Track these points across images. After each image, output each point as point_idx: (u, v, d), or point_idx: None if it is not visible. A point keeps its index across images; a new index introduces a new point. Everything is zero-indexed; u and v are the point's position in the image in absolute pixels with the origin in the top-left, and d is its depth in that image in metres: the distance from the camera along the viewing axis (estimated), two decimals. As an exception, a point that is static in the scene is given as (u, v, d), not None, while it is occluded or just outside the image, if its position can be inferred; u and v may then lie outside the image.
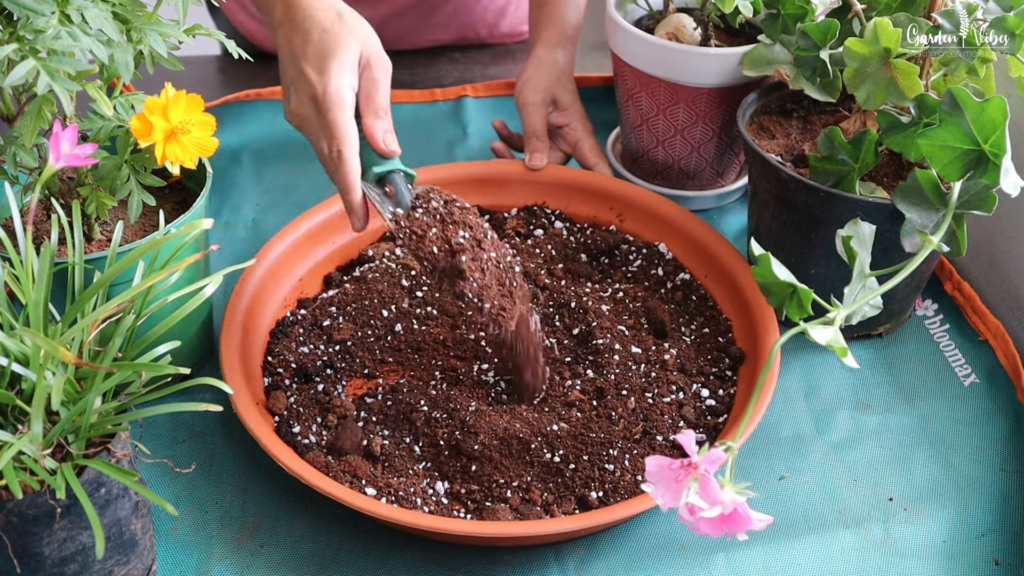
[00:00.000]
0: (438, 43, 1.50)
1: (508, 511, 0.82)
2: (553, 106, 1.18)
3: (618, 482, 0.85)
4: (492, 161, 1.18)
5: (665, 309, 1.00)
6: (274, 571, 0.82)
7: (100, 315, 0.69)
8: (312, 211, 1.06)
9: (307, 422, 0.90)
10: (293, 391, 0.93)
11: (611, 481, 0.85)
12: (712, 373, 0.95)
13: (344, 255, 1.08)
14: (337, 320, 0.99)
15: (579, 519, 0.80)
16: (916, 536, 0.85)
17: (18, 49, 0.69)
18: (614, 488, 0.84)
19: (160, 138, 0.77)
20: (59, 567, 0.69)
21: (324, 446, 0.88)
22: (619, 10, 1.15)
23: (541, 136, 1.16)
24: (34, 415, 0.63)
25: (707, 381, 0.94)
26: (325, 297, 1.03)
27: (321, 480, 0.81)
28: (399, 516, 0.79)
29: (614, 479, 0.85)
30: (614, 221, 1.12)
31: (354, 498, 0.80)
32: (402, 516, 0.79)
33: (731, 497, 0.65)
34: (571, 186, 1.14)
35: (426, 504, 0.84)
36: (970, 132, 0.81)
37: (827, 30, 0.94)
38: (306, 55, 0.87)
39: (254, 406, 0.87)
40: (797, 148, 1.00)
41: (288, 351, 0.96)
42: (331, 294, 1.03)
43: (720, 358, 0.96)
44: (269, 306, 1.00)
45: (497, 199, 1.14)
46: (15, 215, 0.74)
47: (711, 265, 1.04)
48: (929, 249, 0.82)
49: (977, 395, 0.97)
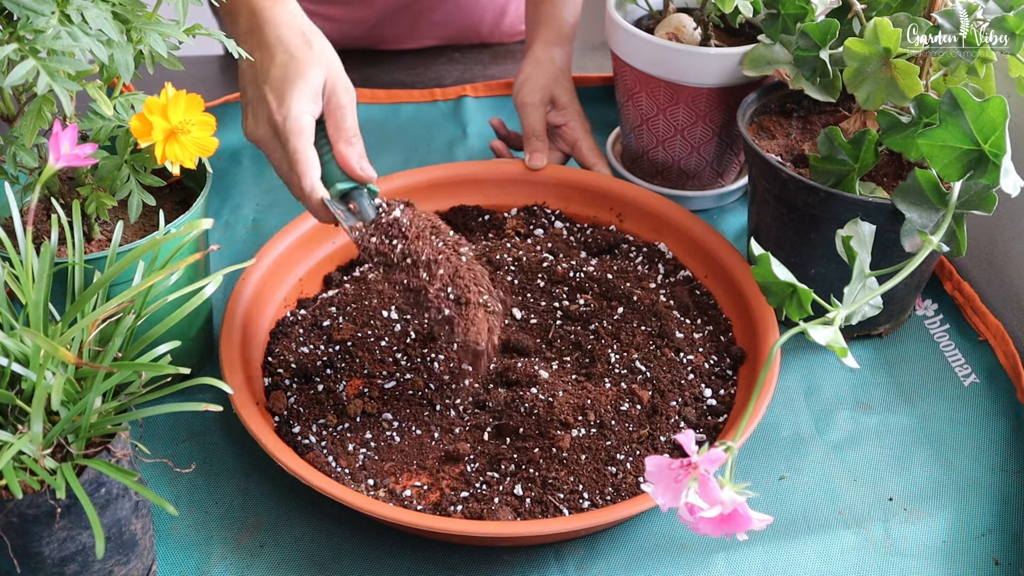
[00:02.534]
0: (438, 42, 1.50)
1: (508, 511, 0.82)
2: (551, 105, 1.18)
3: (620, 484, 0.85)
4: (491, 161, 1.18)
5: (665, 309, 1.00)
6: (274, 571, 0.82)
7: (100, 315, 0.69)
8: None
9: (307, 422, 0.90)
10: (293, 391, 0.93)
11: (613, 483, 0.85)
12: (713, 372, 0.95)
13: (344, 255, 1.08)
14: (337, 320, 0.99)
15: (579, 519, 0.80)
16: (916, 536, 0.85)
17: (18, 49, 0.69)
18: (616, 489, 0.84)
19: (160, 138, 0.77)
20: (59, 567, 0.69)
21: (325, 446, 0.88)
22: (619, 10, 1.15)
23: (540, 136, 1.16)
24: (34, 415, 0.63)
25: (709, 380, 0.94)
26: (325, 297, 1.03)
27: (321, 480, 0.81)
28: (399, 516, 0.79)
29: (616, 480, 0.85)
30: (614, 221, 1.12)
31: (354, 498, 0.80)
32: (402, 516, 0.79)
33: (731, 497, 0.65)
34: (571, 186, 1.14)
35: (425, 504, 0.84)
36: (970, 132, 0.81)
37: (827, 30, 0.94)
38: (268, 79, 0.88)
39: (254, 406, 0.87)
40: (797, 148, 1.00)
41: (288, 351, 0.96)
42: (331, 294, 1.03)
43: (721, 357, 0.96)
44: (269, 306, 1.00)
45: (497, 199, 1.14)
46: (15, 215, 0.74)
47: (711, 265, 1.04)
48: (929, 249, 0.82)
49: (977, 395, 0.97)
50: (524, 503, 0.84)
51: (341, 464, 0.87)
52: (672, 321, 0.99)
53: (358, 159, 0.89)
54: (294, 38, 0.89)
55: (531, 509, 0.83)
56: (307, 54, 0.88)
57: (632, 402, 0.91)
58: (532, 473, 0.85)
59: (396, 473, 0.87)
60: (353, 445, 0.89)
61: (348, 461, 0.87)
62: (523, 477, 0.85)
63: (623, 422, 0.89)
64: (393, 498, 0.84)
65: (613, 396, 0.91)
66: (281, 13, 0.90)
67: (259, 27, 0.90)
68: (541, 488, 0.84)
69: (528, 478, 0.85)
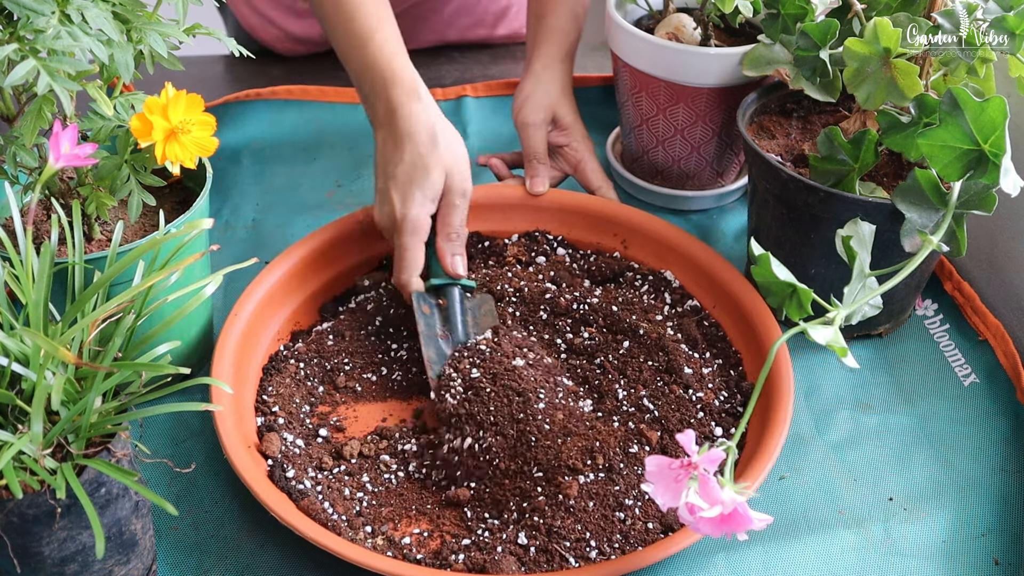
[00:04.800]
0: (438, 43, 1.50)
1: (512, 561, 0.79)
2: (553, 125, 1.15)
3: (628, 530, 0.82)
4: (492, 185, 1.13)
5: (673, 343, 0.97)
6: (274, 571, 0.82)
7: (100, 315, 0.68)
8: (304, 241, 1.03)
9: (302, 466, 0.86)
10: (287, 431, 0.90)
11: (621, 530, 0.82)
12: (724, 409, 0.92)
13: (339, 285, 1.05)
14: (332, 352, 0.97)
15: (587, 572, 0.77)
16: (916, 536, 0.85)
17: (18, 49, 0.69)
18: (624, 536, 0.81)
19: (160, 138, 0.77)
20: (59, 567, 0.69)
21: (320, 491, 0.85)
22: (619, 10, 1.15)
23: (542, 159, 1.13)
24: (34, 415, 0.63)
25: (719, 419, 0.91)
26: (320, 329, 1.00)
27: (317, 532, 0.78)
28: (401, 571, 0.76)
29: (624, 527, 0.82)
30: (618, 247, 1.08)
31: (352, 551, 0.77)
32: (405, 571, 0.77)
33: (731, 497, 0.65)
34: (574, 211, 1.10)
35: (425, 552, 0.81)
36: (970, 132, 0.81)
37: (827, 30, 0.94)
38: (395, 176, 0.97)
39: (245, 450, 0.84)
40: (797, 148, 1.00)
41: (282, 387, 0.93)
42: (326, 326, 1.00)
43: (732, 393, 0.93)
44: (262, 340, 0.97)
45: (497, 225, 1.10)
46: (15, 215, 0.74)
47: (719, 294, 1.00)
48: (929, 249, 0.82)
49: (977, 395, 0.97)
50: (528, 552, 0.80)
51: (338, 511, 0.83)
52: (680, 356, 0.95)
53: (451, 256, 0.99)
54: (423, 136, 0.97)
55: (536, 559, 0.80)
56: (431, 156, 0.97)
57: (641, 444, 0.88)
58: (537, 521, 0.82)
59: (395, 519, 0.84)
60: (350, 489, 0.86)
61: (345, 507, 0.84)
62: (527, 524, 0.82)
63: (631, 465, 0.86)
64: (392, 546, 0.81)
65: (621, 437, 0.88)
66: (415, 110, 0.98)
67: (394, 120, 0.98)
68: (546, 536, 0.81)
69: (532, 525, 0.82)
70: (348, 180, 1.24)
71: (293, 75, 1.41)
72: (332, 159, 1.27)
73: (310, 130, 1.31)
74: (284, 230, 1.16)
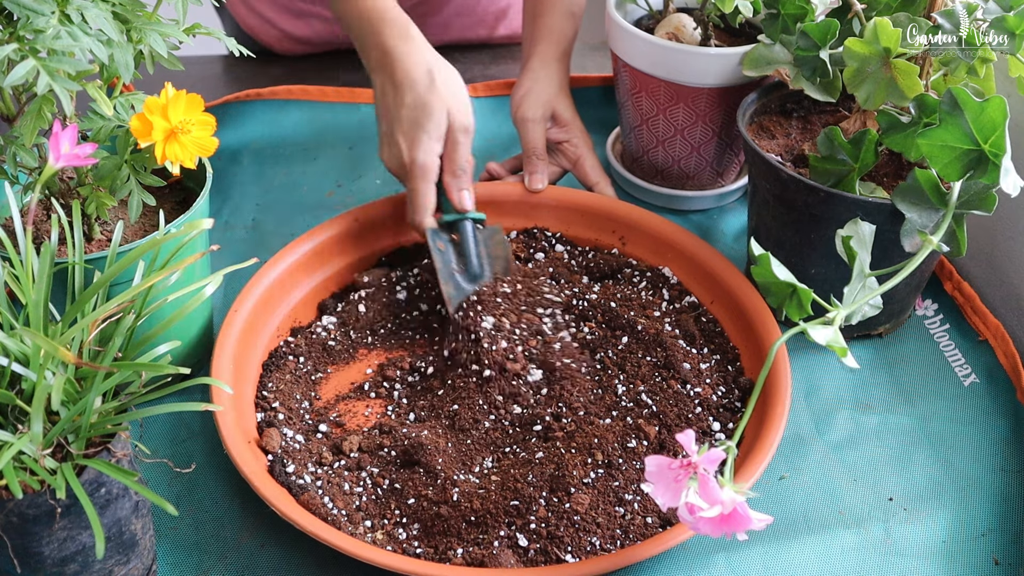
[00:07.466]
0: (438, 43, 1.50)
1: (510, 555, 0.79)
2: (552, 121, 1.15)
3: (628, 525, 0.82)
4: (490, 183, 1.14)
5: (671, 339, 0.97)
6: (274, 570, 0.82)
7: (100, 315, 0.68)
8: (304, 238, 1.03)
9: (302, 461, 0.87)
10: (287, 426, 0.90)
11: (621, 524, 0.82)
12: (721, 405, 0.92)
13: (338, 281, 1.05)
14: (333, 349, 0.97)
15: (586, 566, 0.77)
16: (916, 536, 0.85)
17: (18, 49, 0.69)
18: (624, 531, 0.82)
19: (160, 138, 0.77)
20: (59, 567, 0.69)
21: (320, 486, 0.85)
22: (619, 10, 1.15)
23: (541, 155, 1.13)
24: (34, 415, 0.63)
25: (717, 414, 0.91)
26: (319, 324, 1.00)
27: (317, 526, 0.78)
28: (402, 565, 0.76)
29: (624, 522, 0.82)
30: (616, 244, 1.09)
31: (350, 545, 0.77)
32: (405, 565, 0.77)
33: (731, 497, 0.65)
34: (572, 208, 1.10)
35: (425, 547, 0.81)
36: (970, 132, 0.81)
37: (827, 30, 0.94)
38: (399, 119, 1.00)
39: (246, 445, 0.85)
40: (797, 148, 1.00)
41: (282, 383, 0.94)
42: (325, 322, 1.01)
43: (729, 389, 0.94)
44: (261, 336, 0.97)
45: (495, 221, 1.09)
46: (15, 215, 0.74)
47: (717, 290, 1.01)
48: (929, 249, 0.82)
49: (977, 395, 0.97)
50: (528, 553, 0.80)
51: (337, 505, 0.83)
52: (678, 351, 0.95)
53: (458, 191, 1.01)
54: (422, 76, 0.99)
55: (535, 559, 0.80)
56: (431, 94, 0.99)
57: (639, 439, 0.88)
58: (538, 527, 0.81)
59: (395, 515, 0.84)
60: (349, 484, 0.86)
61: (344, 502, 0.84)
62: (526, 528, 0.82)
63: (630, 460, 0.86)
64: (391, 540, 0.82)
65: (620, 432, 0.88)
66: (409, 50, 1.00)
67: (389, 64, 1.01)
68: (547, 540, 0.81)
69: (533, 531, 0.81)
70: (348, 180, 1.24)
71: (293, 75, 1.41)
72: (332, 159, 1.27)
73: (310, 130, 1.31)
74: (284, 230, 1.16)
